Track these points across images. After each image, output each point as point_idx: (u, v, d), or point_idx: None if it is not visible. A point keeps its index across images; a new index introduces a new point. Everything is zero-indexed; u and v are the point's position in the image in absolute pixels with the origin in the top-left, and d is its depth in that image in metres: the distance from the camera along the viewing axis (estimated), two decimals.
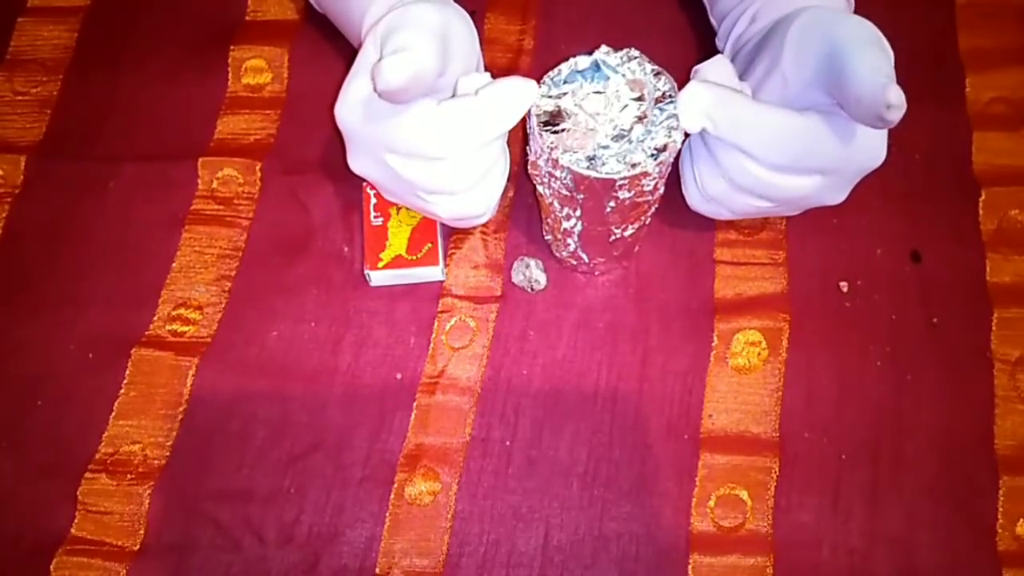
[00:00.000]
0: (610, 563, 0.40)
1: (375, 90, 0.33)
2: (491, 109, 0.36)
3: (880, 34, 0.35)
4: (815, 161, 0.37)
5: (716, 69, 0.38)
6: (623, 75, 0.37)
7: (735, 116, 0.36)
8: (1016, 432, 0.42)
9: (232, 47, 0.53)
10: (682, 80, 0.38)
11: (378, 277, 0.45)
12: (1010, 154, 0.48)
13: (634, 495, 0.41)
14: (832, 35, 0.35)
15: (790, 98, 0.37)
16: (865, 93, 0.33)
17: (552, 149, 0.36)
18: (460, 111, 0.36)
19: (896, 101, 0.32)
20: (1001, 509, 0.41)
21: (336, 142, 0.47)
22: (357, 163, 0.40)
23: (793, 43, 0.37)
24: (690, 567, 0.40)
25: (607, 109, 0.37)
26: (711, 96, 0.36)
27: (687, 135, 0.38)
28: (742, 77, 0.40)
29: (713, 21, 0.47)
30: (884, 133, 0.37)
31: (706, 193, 0.41)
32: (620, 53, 0.38)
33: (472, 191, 0.39)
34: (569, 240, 0.42)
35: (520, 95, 0.36)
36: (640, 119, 0.36)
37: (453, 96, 0.39)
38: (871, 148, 0.37)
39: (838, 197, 0.39)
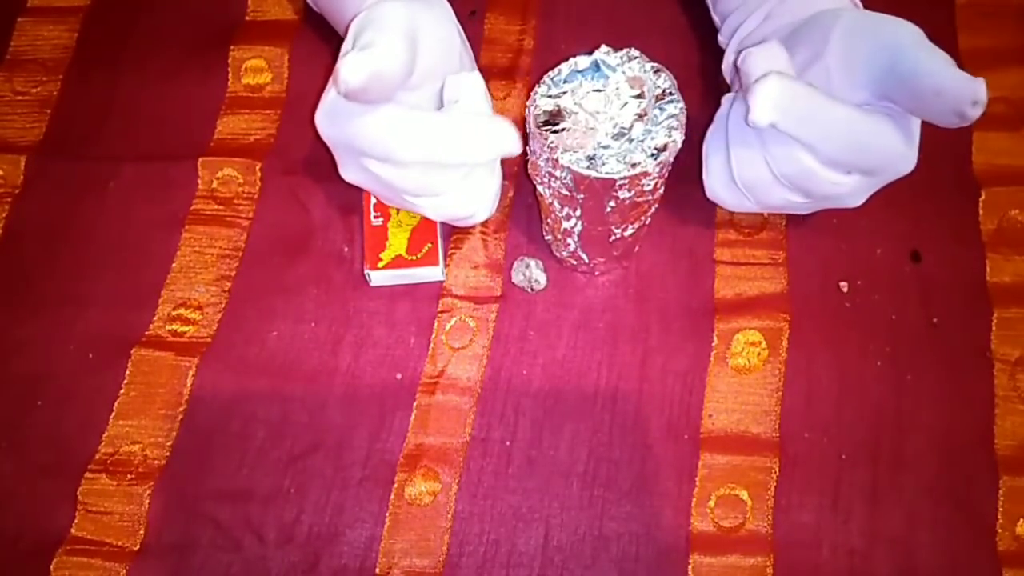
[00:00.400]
0: (610, 563, 0.40)
1: (336, 90, 0.33)
2: (456, 138, 0.35)
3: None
4: (870, 159, 0.37)
5: (770, 54, 0.38)
6: (623, 73, 0.37)
7: (808, 111, 0.35)
8: (1016, 432, 0.42)
9: (232, 47, 0.53)
10: (682, 79, 0.38)
11: (378, 277, 0.45)
12: (1010, 154, 0.48)
13: (634, 495, 0.41)
14: (886, 38, 0.35)
15: (833, 93, 0.37)
16: (949, 87, 0.33)
17: (552, 149, 0.36)
18: (421, 124, 0.35)
19: (983, 97, 0.32)
20: (1001, 509, 0.41)
21: None
22: (346, 172, 0.40)
23: (842, 45, 0.37)
24: (690, 567, 0.40)
25: (607, 107, 0.37)
26: (787, 90, 0.35)
27: (683, 139, 0.38)
28: None
29: (715, 18, 0.47)
30: (917, 143, 0.37)
31: (741, 179, 0.40)
32: (620, 53, 0.38)
33: (458, 192, 0.38)
34: (569, 240, 0.42)
35: (494, 142, 0.36)
36: (640, 116, 0.36)
37: (440, 93, 0.38)
38: (909, 155, 0.37)
39: (860, 200, 0.39)
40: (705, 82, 0.49)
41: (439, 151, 0.35)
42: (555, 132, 0.36)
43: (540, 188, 0.40)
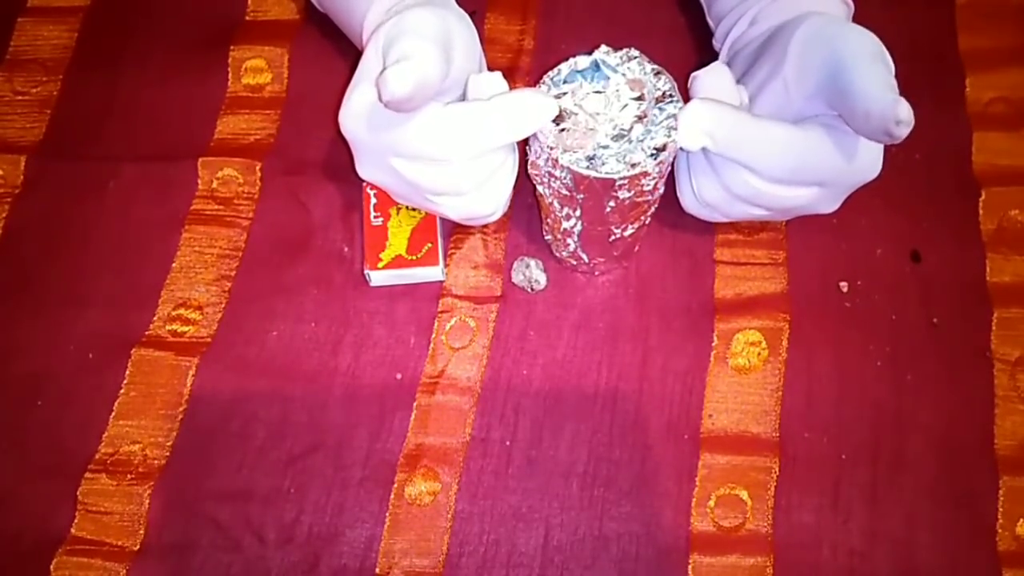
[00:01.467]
0: (610, 563, 0.40)
1: (380, 100, 0.33)
2: (503, 117, 0.36)
3: (883, 47, 0.35)
4: (814, 174, 0.37)
5: (714, 77, 0.38)
6: (623, 74, 0.37)
7: (736, 134, 0.36)
8: (1016, 432, 0.42)
9: (232, 47, 0.53)
10: (682, 80, 0.38)
11: (378, 277, 0.45)
12: (1010, 154, 0.48)
13: (634, 495, 0.41)
14: (837, 48, 0.35)
15: (791, 106, 0.37)
16: (874, 109, 0.33)
17: (552, 149, 0.36)
18: (469, 115, 0.36)
19: (906, 117, 0.32)
20: (1001, 509, 0.41)
21: (336, 142, 0.47)
22: (364, 170, 0.40)
23: (796, 53, 0.37)
24: (690, 567, 0.40)
25: (607, 108, 0.37)
26: (711, 115, 0.36)
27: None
28: (741, 80, 0.40)
29: (710, 22, 0.47)
30: (881, 147, 0.37)
31: (702, 199, 0.41)
32: (620, 53, 0.38)
33: (480, 191, 0.39)
34: (569, 240, 0.42)
35: (537, 111, 0.36)
36: (640, 118, 0.36)
37: (463, 95, 0.39)
38: (868, 161, 0.37)
39: (832, 207, 0.40)
40: None
41: (492, 135, 0.36)
42: (555, 132, 0.36)
43: (540, 188, 0.40)
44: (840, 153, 0.36)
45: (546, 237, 0.45)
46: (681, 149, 0.37)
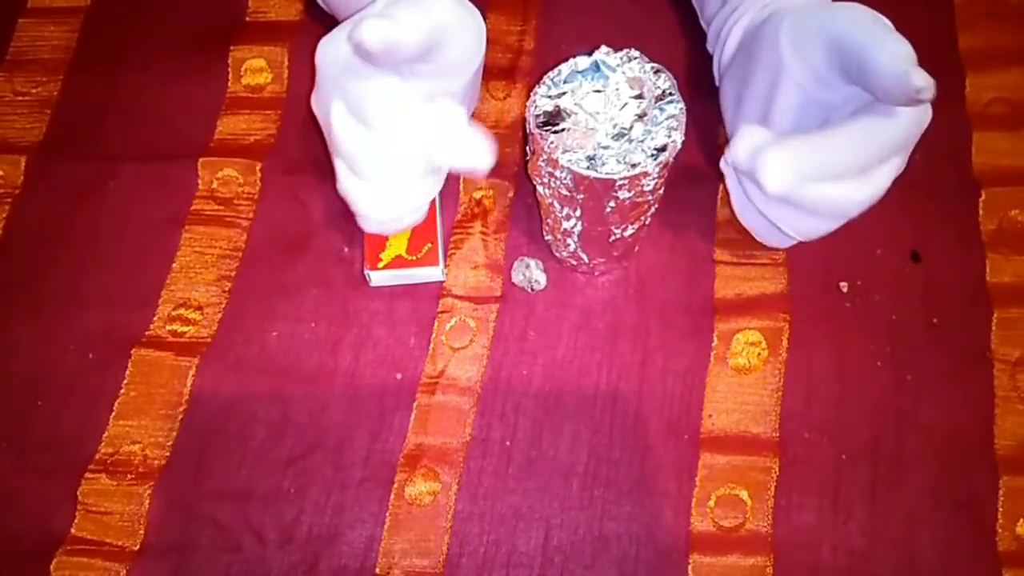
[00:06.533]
0: (610, 563, 0.40)
1: (348, 38, 0.33)
2: (444, 129, 0.35)
3: (870, 10, 0.35)
4: (892, 147, 0.36)
5: (751, 133, 0.37)
6: (623, 74, 0.37)
7: (817, 157, 0.35)
8: (1016, 432, 0.42)
9: (232, 47, 0.53)
10: (682, 79, 0.38)
11: (378, 277, 0.45)
12: (1010, 154, 0.48)
13: (634, 495, 0.41)
14: (832, 36, 0.35)
15: (817, 104, 0.37)
16: (892, 87, 0.32)
17: (552, 149, 0.36)
18: (415, 106, 0.35)
19: (923, 84, 0.31)
20: (1001, 509, 0.41)
21: None
22: (315, 100, 0.39)
23: (795, 56, 0.37)
24: (690, 567, 0.40)
25: (607, 107, 0.37)
26: (792, 154, 0.35)
27: (682, 139, 0.38)
28: (740, 88, 0.40)
29: (703, 24, 0.48)
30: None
31: (799, 235, 0.40)
32: (620, 53, 0.38)
33: (375, 190, 0.38)
34: (569, 240, 0.42)
35: (476, 153, 0.35)
36: (640, 117, 0.36)
37: (463, 95, 0.38)
38: (924, 111, 0.36)
39: (904, 165, 0.38)
40: (705, 82, 0.49)
41: (417, 135, 0.35)
42: (555, 132, 0.36)
43: (540, 188, 0.40)
44: (904, 117, 0.35)
45: (546, 237, 0.45)
46: (740, 198, 0.36)
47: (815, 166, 0.35)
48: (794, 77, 0.37)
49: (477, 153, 0.36)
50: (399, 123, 0.35)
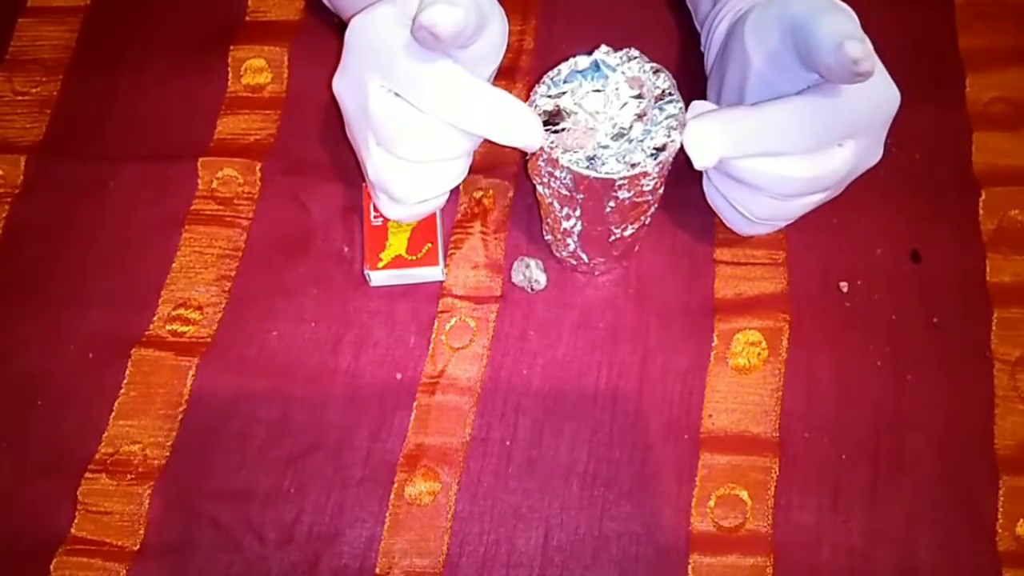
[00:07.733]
0: (610, 563, 0.40)
1: (414, 24, 0.32)
2: (498, 109, 0.35)
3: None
4: (841, 128, 0.36)
5: (697, 108, 0.38)
6: (623, 73, 0.37)
7: (746, 127, 0.35)
8: (1016, 432, 0.42)
9: (232, 47, 0.53)
10: (682, 79, 0.38)
11: (378, 277, 0.45)
12: (1010, 154, 0.48)
13: (634, 495, 0.41)
14: (787, 17, 0.35)
15: (778, 90, 0.37)
16: (830, 60, 0.32)
17: (552, 149, 0.36)
18: (471, 87, 0.35)
19: (859, 54, 0.31)
20: (1001, 509, 0.41)
21: (336, 142, 0.47)
22: (339, 81, 0.38)
23: (754, 40, 0.37)
24: (690, 567, 0.40)
25: (606, 107, 0.37)
26: (712, 123, 0.35)
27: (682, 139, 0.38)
28: (719, 84, 0.40)
29: (697, 26, 0.48)
30: (885, 74, 0.36)
31: (757, 217, 0.40)
32: (620, 53, 0.38)
33: (412, 171, 0.38)
34: (569, 240, 0.42)
35: (523, 128, 0.35)
36: (640, 116, 0.36)
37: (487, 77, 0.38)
38: (883, 90, 0.36)
39: (879, 153, 0.38)
40: (704, 82, 0.49)
41: (474, 114, 0.35)
42: (555, 132, 0.36)
43: (540, 188, 0.40)
44: (853, 96, 0.35)
45: (546, 237, 0.45)
46: (707, 180, 0.36)
47: (743, 138, 0.35)
48: (757, 68, 0.37)
49: (531, 131, 0.35)
50: (460, 104, 0.35)
